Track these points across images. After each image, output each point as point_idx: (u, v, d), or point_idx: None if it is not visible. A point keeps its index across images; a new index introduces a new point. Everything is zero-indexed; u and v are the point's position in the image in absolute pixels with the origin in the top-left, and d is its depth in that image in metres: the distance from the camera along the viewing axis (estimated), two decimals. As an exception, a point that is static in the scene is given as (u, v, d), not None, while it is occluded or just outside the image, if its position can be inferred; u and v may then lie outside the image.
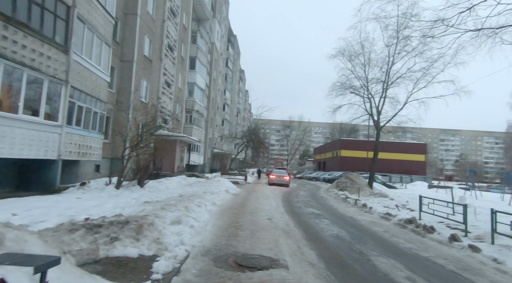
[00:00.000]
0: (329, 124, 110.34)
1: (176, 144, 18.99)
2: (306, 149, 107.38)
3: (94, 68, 11.70)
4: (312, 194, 18.37)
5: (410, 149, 47.20)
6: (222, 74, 46.90)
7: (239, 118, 71.07)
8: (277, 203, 12.14)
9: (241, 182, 22.58)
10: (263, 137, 47.38)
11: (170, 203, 7.40)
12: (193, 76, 28.51)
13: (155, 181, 15.10)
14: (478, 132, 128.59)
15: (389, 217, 9.63)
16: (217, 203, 9.84)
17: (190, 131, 27.52)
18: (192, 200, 8.29)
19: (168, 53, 21.01)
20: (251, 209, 9.69)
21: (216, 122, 42.99)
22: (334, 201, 14.81)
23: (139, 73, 16.64)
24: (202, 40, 30.12)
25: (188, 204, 7.59)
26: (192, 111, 28.19)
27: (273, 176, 24.29)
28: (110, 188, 10.22)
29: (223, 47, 46.47)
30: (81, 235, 4.07)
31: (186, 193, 10.91)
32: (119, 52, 15.67)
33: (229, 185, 15.51)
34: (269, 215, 8.75)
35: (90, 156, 11.90)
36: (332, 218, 9.48)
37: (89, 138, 11.65)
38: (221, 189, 13.38)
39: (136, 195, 9.84)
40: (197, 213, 7.22)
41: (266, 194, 15.18)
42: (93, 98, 11.80)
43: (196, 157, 28.77)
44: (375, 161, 18.88)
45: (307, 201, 14.25)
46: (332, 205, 13.24)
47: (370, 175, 19.14)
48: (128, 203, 8.27)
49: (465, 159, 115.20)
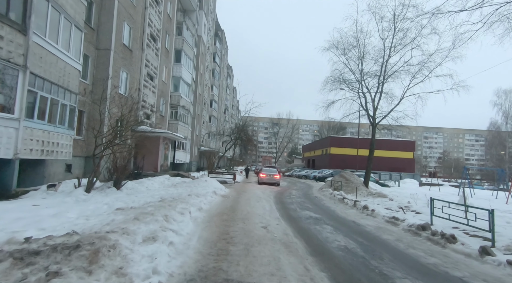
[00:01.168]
0: (317, 122, 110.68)
1: (159, 141, 17.55)
2: (294, 146, 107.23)
3: (61, 54, 10.18)
4: (305, 194, 17.41)
5: (399, 147, 47.22)
6: (209, 69, 45.33)
7: (227, 115, 69.55)
8: (271, 206, 11.05)
9: (230, 182, 21.37)
10: (251, 134, 46.21)
11: (146, 211, 6.14)
12: (179, 69, 26.95)
13: (135, 181, 13.70)
14: (460, 130, 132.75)
15: (396, 222, 8.71)
16: (204, 208, 8.63)
17: (176, 127, 26.02)
18: (174, 206, 7.05)
19: (150, 43, 19.46)
20: (242, 214, 8.54)
21: (203, 119, 41.46)
22: (330, 202, 13.87)
23: (117, 62, 15.09)
24: (188, 32, 28.56)
25: (168, 211, 6.35)
26: (178, 106, 26.66)
27: (263, 175, 23.22)
28: (79, 192, 8.81)
29: (210, 41, 44.86)
30: (3, 271, 2.80)
31: (168, 196, 9.63)
32: (94, 39, 14.08)
33: (217, 186, 14.30)
34: (263, 222, 7.63)
35: (58, 155, 10.40)
36: (334, 224, 8.47)
37: (55, 134, 10.14)
38: (209, 191, 12.16)
39: (110, 199, 8.49)
40: (179, 223, 6.00)
41: (257, 195, 14.06)
42: (61, 88, 10.28)
43: (182, 155, 27.29)
44: (371, 159, 18.10)
45: (301, 202, 13.24)
46: (329, 206, 12.28)
47: (366, 174, 18.35)
48: (96, 211, 6.94)
49: (447, 156, 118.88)
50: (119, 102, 11.91)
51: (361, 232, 7.65)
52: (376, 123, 17.72)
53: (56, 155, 10.30)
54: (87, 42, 13.51)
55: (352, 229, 7.92)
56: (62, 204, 7.32)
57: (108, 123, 11.27)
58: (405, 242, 6.79)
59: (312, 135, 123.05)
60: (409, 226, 8.07)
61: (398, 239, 7.03)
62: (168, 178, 15.21)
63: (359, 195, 14.56)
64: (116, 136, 10.84)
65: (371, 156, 18.05)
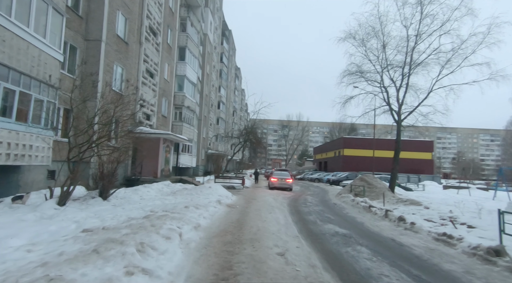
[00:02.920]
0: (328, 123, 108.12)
1: (159, 144, 15.90)
2: (305, 149, 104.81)
3: (34, 39, 8.61)
4: (322, 201, 15.41)
5: (416, 147, 44.38)
6: (216, 69, 43.83)
7: (235, 117, 67.90)
8: (286, 218, 9.14)
9: (238, 187, 19.54)
10: (261, 136, 44.41)
11: (116, 237, 4.36)
12: (183, 68, 25.43)
13: (130, 189, 12.08)
14: (474, 129, 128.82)
15: (450, 241, 6.68)
16: (203, 225, 6.80)
17: (180, 129, 24.43)
18: (159, 226, 5.25)
19: (150, 37, 17.95)
20: (252, 232, 6.67)
21: (211, 121, 39.91)
22: (353, 211, 11.84)
23: (110, 56, 13.55)
24: (192, 29, 27.05)
25: (147, 236, 4.56)
26: (182, 107, 25.09)
27: (275, 179, 21.30)
28: (49, 205, 7.13)
29: (217, 41, 43.43)
30: None
31: (161, 208, 7.86)
32: (82, 28, 12.57)
33: (222, 193, 12.48)
34: (279, 245, 5.74)
35: (31, 160, 8.79)
36: (369, 243, 6.50)
37: (27, 135, 8.54)
38: (212, 200, 10.35)
39: (85, 214, 6.76)
40: (160, 255, 4.19)
41: (269, 204, 12.17)
42: (35, 80, 8.70)
43: (187, 158, 25.66)
44: (397, 160, 15.94)
45: (320, 212, 11.27)
46: (355, 217, 10.26)
47: (392, 177, 16.19)
48: (56, 234, 5.21)
49: (462, 157, 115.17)
50: (113, 100, 10.28)
51: (409, 257, 5.66)
52: (402, 119, 15.58)
53: (29, 160, 8.69)
54: (74, 31, 12.00)
55: (396, 253, 5.94)
56: (15, 224, 5.62)
57: (98, 122, 9.64)
58: (480, 276, 4.79)
59: (322, 137, 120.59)
60: (472, 249, 6.03)
61: (467, 271, 5.03)
62: (168, 185, 13.49)
63: (387, 203, 12.46)
64: (104, 137, 9.18)
65: (397, 157, 15.89)
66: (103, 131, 8.92)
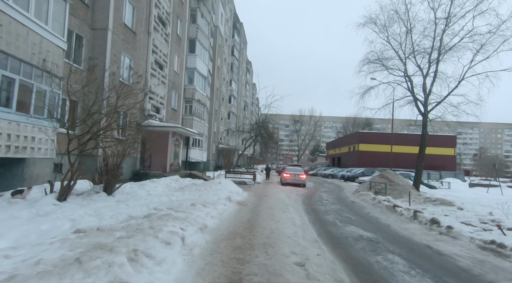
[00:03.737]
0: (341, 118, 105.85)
1: (168, 137, 15.38)
2: (317, 144, 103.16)
3: (35, 25, 8.10)
4: (338, 198, 14.52)
5: (438, 142, 42.27)
6: (227, 62, 43.05)
7: (247, 112, 67.09)
8: (302, 218, 8.37)
9: (249, 182, 18.90)
10: (272, 130, 43.53)
11: (105, 243, 3.73)
12: (193, 60, 24.82)
13: (137, 184, 11.60)
14: (498, 124, 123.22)
15: (502, 251, 5.72)
16: (210, 225, 6.13)
17: (190, 123, 23.93)
18: (158, 229, 4.60)
19: (158, 27, 17.35)
20: (265, 235, 5.95)
21: (222, 115, 39.32)
22: (375, 210, 10.91)
23: (117, 45, 13.03)
24: (203, 20, 26.33)
25: (142, 241, 3.91)
26: (192, 100, 24.55)
27: (287, 175, 20.50)
28: (47, 200, 6.64)
29: (228, 33, 42.57)
30: None
31: (166, 205, 7.26)
32: (89, 17, 12.07)
33: (233, 189, 11.83)
34: (297, 252, 4.99)
35: (34, 152, 8.36)
36: (401, 251, 5.65)
37: (29, 126, 8.09)
38: (221, 196, 9.70)
39: (83, 212, 6.22)
40: (157, 265, 3.52)
41: (282, 201, 11.43)
42: (36, 69, 8.22)
43: (197, 153, 25.19)
44: (422, 156, 14.78)
45: (338, 211, 10.43)
46: (378, 218, 9.36)
47: (417, 174, 15.06)
48: (46, 234, 4.67)
49: (484, 153, 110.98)
50: (116, 89, 9.73)
51: (455, 271, 4.78)
52: (429, 110, 14.35)
53: (31, 153, 8.26)
54: (80, 19, 11.51)
55: (437, 264, 5.07)
56: (6, 222, 5.12)
57: (96, 111, 9.11)
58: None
59: (335, 132, 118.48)
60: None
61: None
62: (177, 180, 12.96)
63: (414, 202, 11.44)
64: (105, 128, 8.63)
65: (423, 152, 14.71)
66: (105, 122, 8.36)
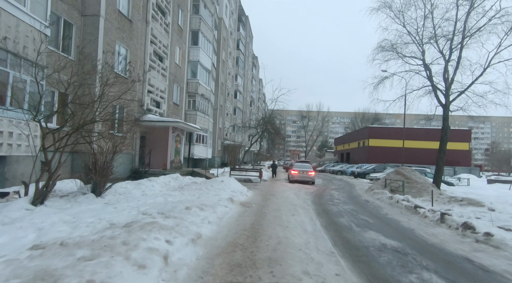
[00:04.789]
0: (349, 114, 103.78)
1: (168, 133, 14.46)
2: (325, 140, 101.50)
3: (9, 5, 7.18)
4: (351, 197, 13.42)
5: (451, 136, 40.27)
6: (232, 56, 41.91)
7: (253, 108, 65.92)
8: (313, 223, 7.32)
9: (255, 180, 17.91)
10: (279, 126, 42.35)
11: (52, 270, 2.77)
12: (196, 53, 23.81)
13: (134, 183, 10.75)
14: (511, 118, 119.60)
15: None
16: (205, 235, 5.14)
17: (194, 118, 23.02)
18: (135, 243, 3.62)
19: (157, 16, 16.36)
20: (270, 248, 4.93)
21: (227, 110, 38.35)
22: (394, 211, 9.78)
23: (110, 34, 12.09)
24: (206, 11, 25.24)
25: (106, 267, 2.93)
26: (196, 94, 23.60)
27: (295, 172, 19.44)
28: (19, 204, 5.77)
29: (233, 26, 41.36)
30: None
31: (156, 209, 6.30)
32: (78, 2, 11.14)
33: (236, 188, 10.84)
34: (310, 271, 3.95)
35: (11, 149, 7.51)
36: (437, 267, 4.56)
37: (5, 120, 7.23)
38: (223, 197, 8.73)
39: (57, 218, 5.31)
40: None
41: (290, 201, 10.40)
42: (12, 55, 7.33)
43: (202, 149, 24.28)
44: (443, 150, 13.50)
45: (353, 212, 9.35)
46: (399, 221, 8.24)
47: (437, 171, 13.79)
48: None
49: (496, 148, 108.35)
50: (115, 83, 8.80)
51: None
52: (451, 101, 13.05)
53: (8, 150, 7.41)
54: (68, 5, 10.59)
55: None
56: (-44, 233, 4.22)
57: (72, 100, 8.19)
58: None
59: (343, 128, 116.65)
60: None
61: None
62: (176, 178, 12.04)
63: (436, 202, 10.26)
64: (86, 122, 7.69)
65: (444, 147, 13.44)
66: (90, 114, 7.43)
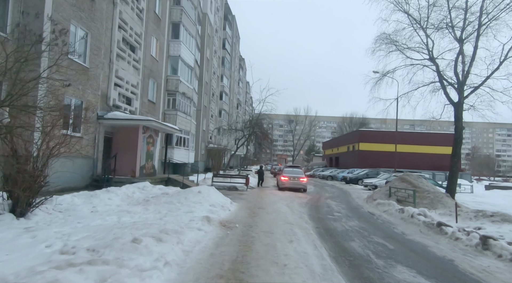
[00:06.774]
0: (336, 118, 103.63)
1: (138, 133, 12.20)
2: (312, 144, 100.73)
3: None
4: (351, 208, 11.59)
5: (441, 141, 39.95)
6: (218, 55, 39.88)
7: (240, 111, 63.91)
8: (319, 253, 5.32)
9: (241, 188, 15.86)
10: (267, 128, 40.49)
11: None
12: (177, 47, 21.67)
13: (86, 195, 8.46)
14: (490, 124, 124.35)
15: None
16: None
17: (174, 118, 20.79)
18: None
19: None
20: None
21: (212, 112, 36.15)
22: (410, 228, 7.95)
23: (63, 10, 9.82)
24: (188, 2, 23.17)
25: None
26: (176, 93, 21.40)
27: (285, 178, 17.50)
28: None
29: (218, 24, 39.44)
30: None
31: (91, 240, 4.16)
32: (18, -33, 8.86)
33: (216, 200, 8.75)
34: None
35: None
36: None
37: None
38: (197, 214, 6.63)
39: None
40: None
41: (284, 217, 8.39)
42: None
43: (182, 153, 21.98)
44: (458, 155, 11.97)
45: (361, 231, 7.45)
46: (426, 245, 6.38)
47: (451, 178, 12.21)
48: None
49: (477, 153, 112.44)
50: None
51: None
52: (464, 97, 11.53)
53: None
54: (1, -32, 8.31)
55: None
56: None
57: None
58: None
59: (330, 133, 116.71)
60: None
61: None
62: (143, 188, 9.81)
63: (459, 216, 8.54)
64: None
65: (458, 151, 11.92)
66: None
